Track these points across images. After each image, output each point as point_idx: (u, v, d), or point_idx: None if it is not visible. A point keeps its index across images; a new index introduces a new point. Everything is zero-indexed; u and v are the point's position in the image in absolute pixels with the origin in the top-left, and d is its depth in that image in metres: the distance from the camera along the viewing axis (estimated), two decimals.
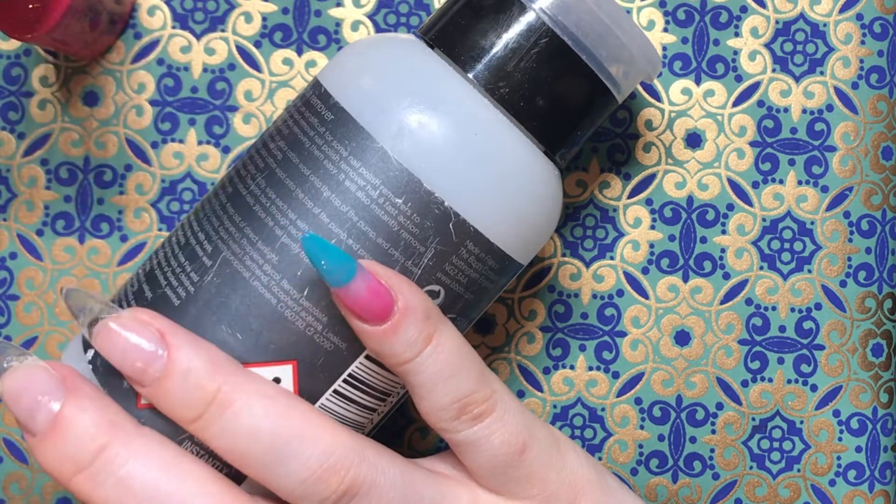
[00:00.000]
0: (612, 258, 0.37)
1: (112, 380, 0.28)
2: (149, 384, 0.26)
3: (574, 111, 0.30)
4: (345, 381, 0.29)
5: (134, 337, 0.26)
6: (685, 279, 0.37)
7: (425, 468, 0.29)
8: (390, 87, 0.28)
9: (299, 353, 0.28)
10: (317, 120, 0.29)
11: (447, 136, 0.28)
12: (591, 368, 0.37)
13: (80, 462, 0.25)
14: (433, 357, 0.27)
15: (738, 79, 0.37)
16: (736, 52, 0.37)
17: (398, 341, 0.27)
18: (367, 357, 0.29)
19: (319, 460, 0.26)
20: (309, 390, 0.28)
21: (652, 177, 0.37)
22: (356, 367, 0.29)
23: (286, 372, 0.28)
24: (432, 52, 0.29)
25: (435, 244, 0.28)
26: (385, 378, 0.29)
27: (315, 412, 0.27)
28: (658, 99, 0.37)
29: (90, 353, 0.29)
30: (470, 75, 0.29)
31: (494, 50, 0.29)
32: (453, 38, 0.30)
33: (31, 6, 0.32)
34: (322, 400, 0.29)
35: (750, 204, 0.37)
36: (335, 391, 0.29)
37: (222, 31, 0.37)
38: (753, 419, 0.37)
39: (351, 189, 0.28)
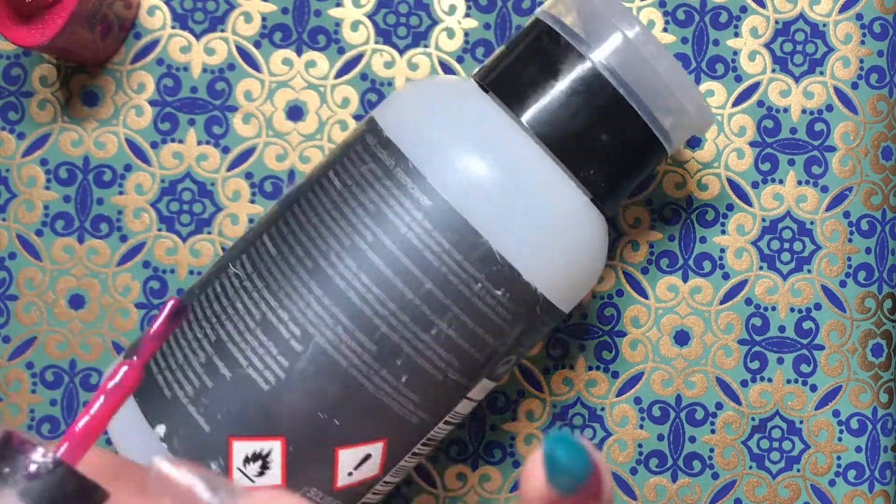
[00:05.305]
0: (611, 258, 0.37)
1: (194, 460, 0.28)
2: None
3: (625, 162, 0.30)
4: (423, 443, 0.30)
5: None
6: (685, 279, 0.37)
7: None
8: (446, 131, 0.28)
9: (391, 432, 0.29)
10: (411, 203, 0.28)
11: (502, 187, 0.28)
12: (590, 368, 0.37)
13: None
14: None
15: (738, 79, 0.37)
16: (736, 53, 0.37)
17: None
18: (446, 420, 0.30)
19: None
20: (393, 458, 0.29)
21: (652, 177, 0.37)
22: (435, 430, 0.30)
23: (377, 449, 0.29)
24: (487, 97, 0.30)
25: (521, 326, 0.29)
26: (447, 429, 0.31)
27: None
28: None
29: (160, 428, 0.28)
30: (524, 121, 0.29)
31: (549, 98, 0.29)
32: (509, 85, 0.30)
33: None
34: (401, 462, 0.30)
35: (749, 204, 0.37)
36: (413, 452, 0.30)
37: (222, 31, 0.37)
38: (753, 419, 0.37)
39: (476, 303, 0.28)
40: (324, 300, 0.28)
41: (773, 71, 0.37)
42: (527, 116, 0.29)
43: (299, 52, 0.37)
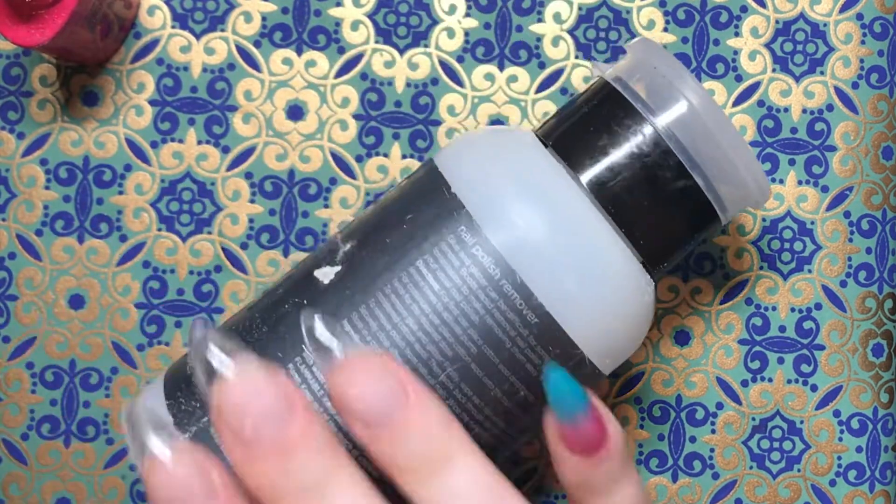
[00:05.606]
0: None
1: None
2: (384, 426, 0.24)
3: (678, 229, 0.30)
4: None
5: (377, 383, 0.24)
6: (685, 279, 0.37)
7: None
8: (505, 185, 0.28)
9: None
10: (519, 320, 0.28)
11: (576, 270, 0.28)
12: None
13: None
14: (625, 493, 0.26)
15: (738, 79, 0.37)
16: (736, 52, 0.37)
17: (600, 472, 0.26)
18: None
19: None
20: None
21: None
22: None
23: None
24: (546, 152, 0.30)
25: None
26: None
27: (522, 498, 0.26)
28: None
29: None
30: (583, 180, 0.29)
31: (608, 158, 0.29)
32: (569, 142, 0.30)
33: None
34: None
35: None
36: None
37: (222, 30, 0.37)
38: (753, 419, 0.37)
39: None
40: None
41: (774, 71, 0.37)
42: (585, 174, 0.29)
43: (299, 52, 0.37)
